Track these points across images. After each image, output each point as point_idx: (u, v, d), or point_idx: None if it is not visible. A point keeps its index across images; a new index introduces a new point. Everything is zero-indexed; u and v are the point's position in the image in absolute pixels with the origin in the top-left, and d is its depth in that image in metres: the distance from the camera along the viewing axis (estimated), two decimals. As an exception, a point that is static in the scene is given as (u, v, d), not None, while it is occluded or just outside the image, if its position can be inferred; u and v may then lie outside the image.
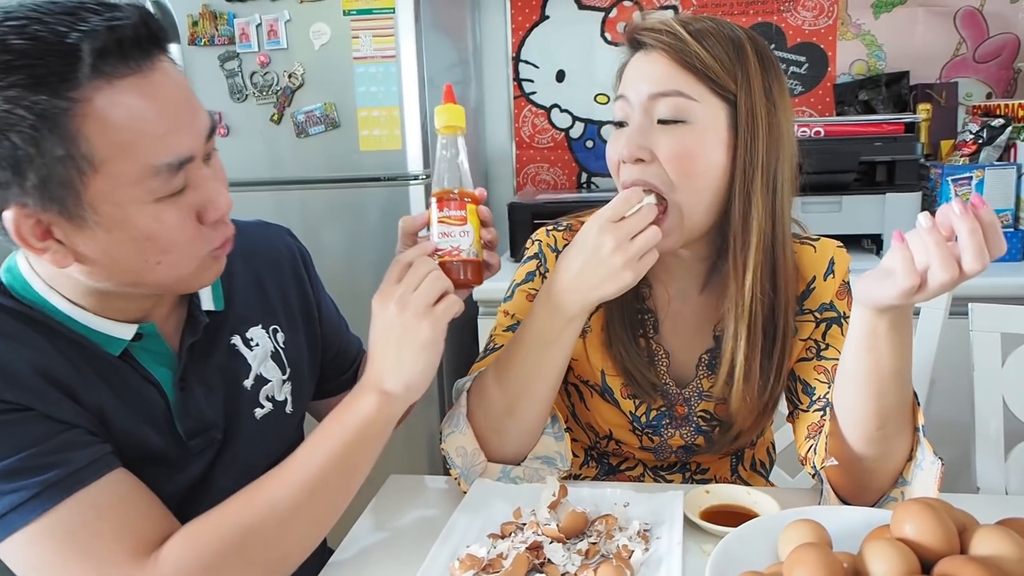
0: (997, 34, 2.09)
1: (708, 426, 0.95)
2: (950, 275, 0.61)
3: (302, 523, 0.71)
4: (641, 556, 0.72)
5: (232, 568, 0.67)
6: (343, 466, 0.73)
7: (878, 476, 0.78)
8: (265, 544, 0.69)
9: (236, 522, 0.68)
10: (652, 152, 0.81)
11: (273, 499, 0.70)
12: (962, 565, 0.58)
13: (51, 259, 0.64)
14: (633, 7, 2.25)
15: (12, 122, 0.58)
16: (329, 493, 0.72)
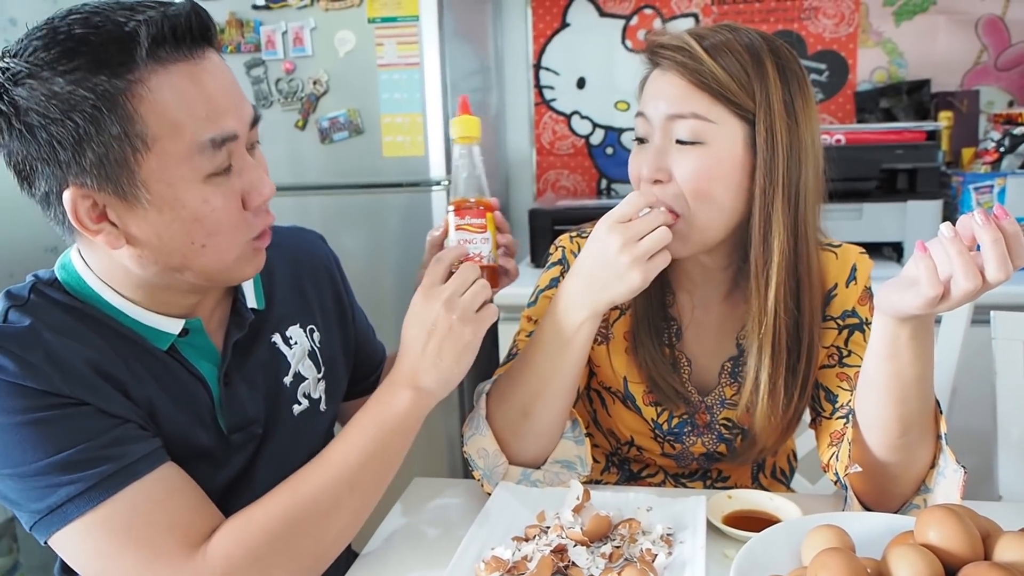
0: (1019, 42, 2.08)
1: (730, 434, 0.96)
2: (973, 285, 0.61)
3: (342, 516, 0.74)
4: (664, 560, 0.73)
5: (278, 560, 0.70)
6: (379, 459, 0.76)
7: (901, 483, 0.79)
8: (309, 536, 0.71)
9: (281, 515, 0.71)
10: (670, 173, 0.82)
11: (315, 493, 0.72)
12: (986, 571, 0.58)
13: (104, 240, 0.67)
14: (654, 15, 2.26)
15: (75, 103, 0.62)
16: (366, 486, 0.75)
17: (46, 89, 0.62)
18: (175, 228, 0.68)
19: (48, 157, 0.64)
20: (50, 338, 0.68)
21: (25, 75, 0.62)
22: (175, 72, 0.65)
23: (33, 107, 0.63)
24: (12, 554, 1.62)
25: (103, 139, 0.63)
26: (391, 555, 0.81)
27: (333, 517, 0.73)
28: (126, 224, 0.67)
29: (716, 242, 0.86)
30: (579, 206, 2.09)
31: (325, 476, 0.73)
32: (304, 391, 0.88)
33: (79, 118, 0.62)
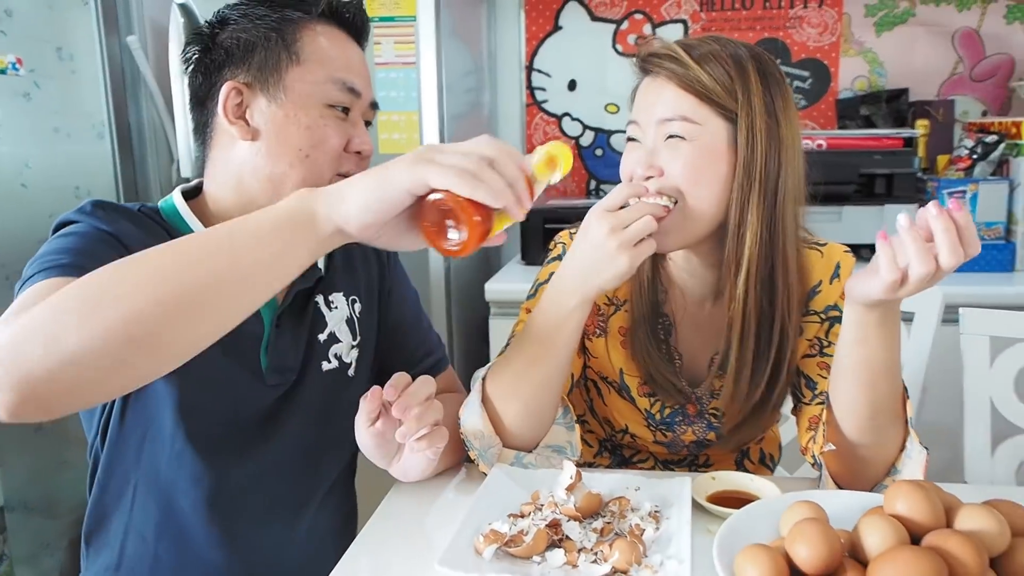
0: (993, 54, 2.16)
1: (719, 423, 1.01)
2: (927, 269, 0.67)
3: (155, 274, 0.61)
4: (652, 534, 0.78)
5: (64, 318, 0.59)
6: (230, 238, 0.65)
7: (872, 465, 0.84)
8: (95, 291, 0.59)
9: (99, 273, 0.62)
10: (661, 169, 0.87)
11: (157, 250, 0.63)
12: (948, 536, 0.63)
13: (239, 132, 0.86)
14: (644, 20, 2.32)
15: (267, 20, 0.86)
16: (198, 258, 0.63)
17: (246, 13, 0.87)
18: (291, 131, 0.85)
19: (224, 61, 0.86)
20: (134, 228, 0.81)
21: (229, 15, 0.87)
22: (335, 34, 0.89)
23: (230, 28, 0.86)
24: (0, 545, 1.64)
25: (270, 46, 0.85)
26: (391, 532, 0.85)
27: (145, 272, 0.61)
28: (257, 122, 0.86)
29: (703, 234, 0.90)
30: (569, 205, 2.14)
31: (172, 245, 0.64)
32: (335, 352, 0.95)
33: (262, 29, 0.85)
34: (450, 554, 0.73)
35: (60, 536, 1.75)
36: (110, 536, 0.90)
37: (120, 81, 1.85)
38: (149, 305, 0.57)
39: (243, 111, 0.86)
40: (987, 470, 1.22)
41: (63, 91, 1.73)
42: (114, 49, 1.82)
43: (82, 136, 1.78)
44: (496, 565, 0.73)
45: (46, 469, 1.72)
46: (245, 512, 0.90)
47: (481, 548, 0.74)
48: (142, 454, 0.86)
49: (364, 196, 0.64)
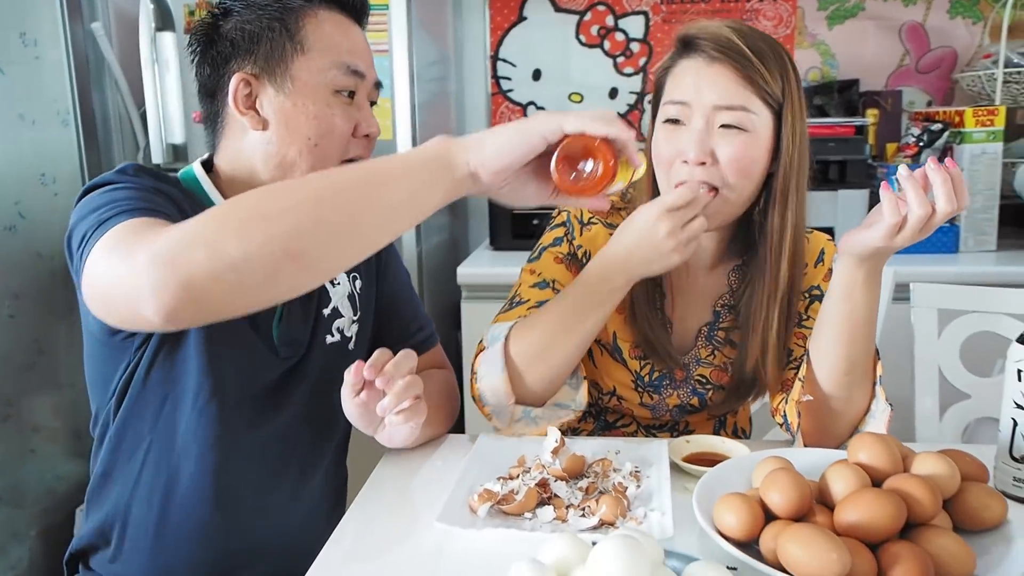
0: (937, 47, 2.27)
1: (703, 389, 1.06)
2: (924, 211, 0.75)
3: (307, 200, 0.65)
4: (635, 491, 0.83)
5: (224, 229, 0.62)
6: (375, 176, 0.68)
7: (840, 420, 0.91)
8: (256, 207, 0.64)
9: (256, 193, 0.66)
10: (714, 155, 0.91)
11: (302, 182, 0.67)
12: (905, 480, 0.69)
13: (249, 122, 0.89)
14: (606, 11, 2.37)
15: (269, 11, 0.88)
16: (352, 193, 0.66)
17: (248, 3, 0.88)
18: (300, 120, 0.88)
19: (231, 53, 0.88)
20: (172, 189, 0.86)
21: (231, 6, 0.89)
22: (337, 18, 0.91)
23: (234, 19, 0.88)
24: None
25: (274, 37, 0.87)
26: (385, 498, 0.87)
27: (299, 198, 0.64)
28: (267, 112, 0.89)
29: (734, 218, 0.97)
30: (535, 193, 2.18)
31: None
32: (338, 326, 0.99)
33: (265, 20, 0.87)
34: (447, 512, 0.76)
35: (28, 526, 1.72)
36: (113, 495, 0.92)
37: (85, 68, 1.82)
38: (307, 223, 0.62)
39: (253, 101, 0.89)
40: (936, 433, 1.30)
41: (27, 77, 1.69)
42: (78, 36, 1.79)
43: (47, 123, 1.75)
44: (491, 521, 0.76)
45: (12, 460, 1.70)
46: (250, 479, 0.93)
47: (476, 506, 0.78)
48: (161, 416, 0.88)
49: (501, 141, 0.69)
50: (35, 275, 1.74)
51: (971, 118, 1.87)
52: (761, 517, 0.70)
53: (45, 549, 1.76)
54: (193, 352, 0.86)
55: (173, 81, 1.78)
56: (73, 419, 1.88)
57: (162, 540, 0.91)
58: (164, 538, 0.90)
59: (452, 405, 1.08)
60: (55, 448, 1.82)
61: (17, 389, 1.70)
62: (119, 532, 0.92)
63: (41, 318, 1.76)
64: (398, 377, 0.81)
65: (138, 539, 0.91)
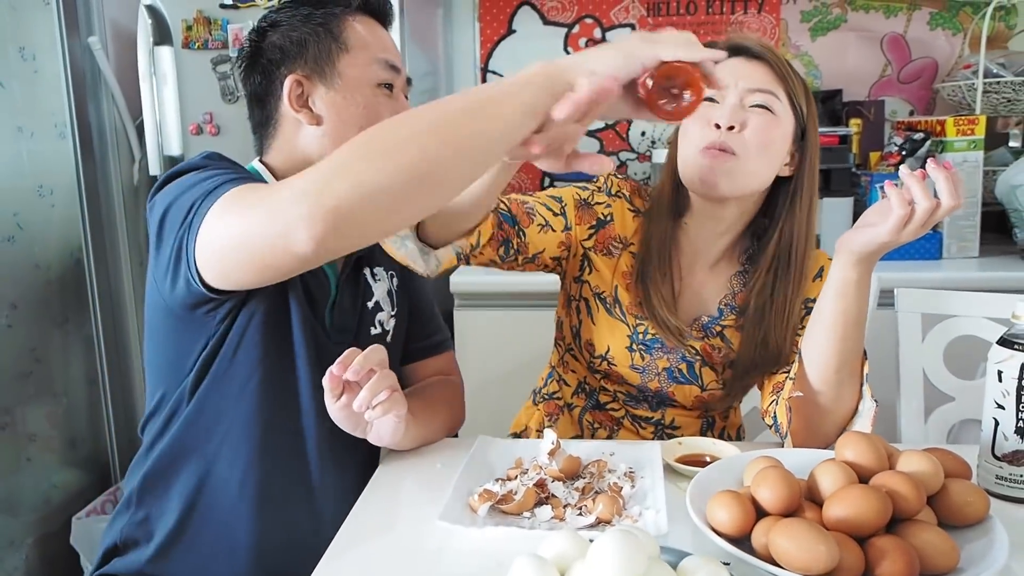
0: (918, 58, 2.33)
1: (692, 358, 1.10)
2: (930, 203, 0.81)
3: (423, 132, 0.68)
4: (630, 491, 0.85)
5: (360, 161, 0.67)
6: (481, 100, 0.70)
7: (829, 419, 0.94)
8: (384, 139, 0.68)
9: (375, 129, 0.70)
10: (744, 124, 0.99)
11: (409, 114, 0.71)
12: (891, 476, 0.72)
13: (304, 118, 0.96)
14: (594, 24, 2.41)
15: (313, 18, 0.97)
16: (459, 119, 0.69)
17: (292, 14, 0.97)
18: (351, 111, 0.96)
19: (281, 59, 0.96)
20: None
21: (277, 19, 0.98)
22: (369, 22, 1.01)
23: (280, 31, 0.96)
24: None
25: (320, 40, 0.96)
26: (386, 499, 0.89)
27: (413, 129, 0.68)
28: (319, 108, 0.97)
29: (749, 194, 1.04)
30: (527, 202, 2.21)
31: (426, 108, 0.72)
32: (379, 319, 1.05)
33: (311, 26, 0.96)
34: (449, 511, 0.79)
35: (24, 534, 1.73)
36: (186, 473, 0.95)
37: (81, 81, 1.84)
38: (435, 146, 0.67)
39: (305, 100, 0.97)
40: (921, 435, 1.33)
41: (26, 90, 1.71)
42: (75, 50, 1.81)
43: (44, 135, 1.77)
44: (491, 520, 0.79)
45: (8, 468, 1.70)
46: (308, 461, 0.98)
47: (476, 506, 0.80)
48: (244, 392, 0.93)
49: (607, 63, 0.71)
50: (33, 285, 1.75)
51: (952, 127, 1.91)
52: (752, 513, 0.72)
53: (41, 557, 1.76)
54: (277, 327, 0.93)
55: (171, 93, 1.80)
56: (68, 428, 1.89)
57: (229, 528, 0.94)
58: (231, 526, 0.94)
59: (454, 412, 1.10)
60: (51, 457, 1.83)
61: (13, 398, 1.71)
62: (179, 520, 0.95)
63: (38, 328, 1.77)
64: (367, 367, 0.84)
65: (205, 527, 0.95)
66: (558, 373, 1.21)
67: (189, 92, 1.81)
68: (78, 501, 1.86)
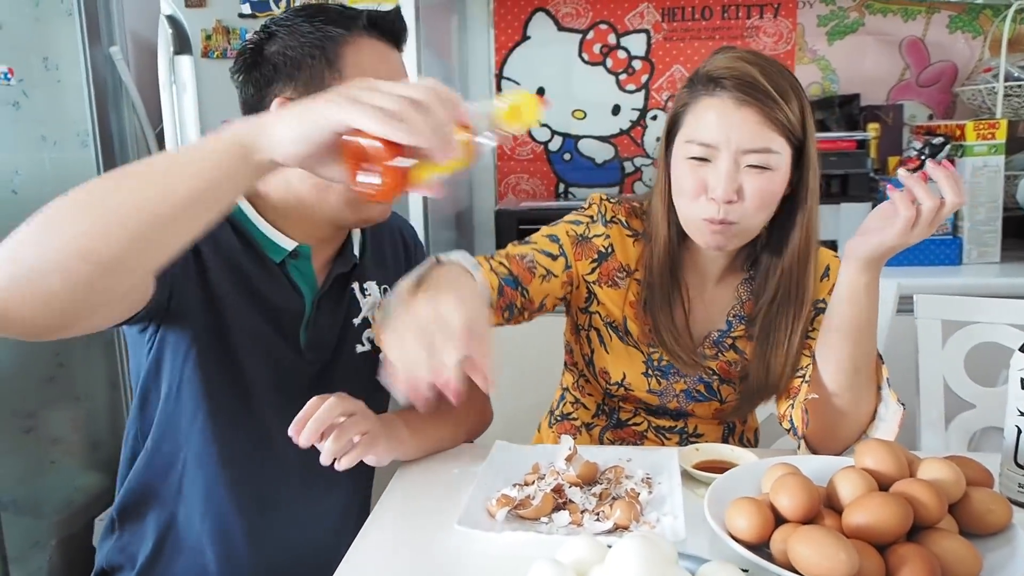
0: (937, 61, 2.31)
1: (710, 378, 1.09)
2: (934, 202, 0.81)
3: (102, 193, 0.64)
4: (647, 496, 0.85)
5: (24, 239, 0.62)
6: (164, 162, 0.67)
7: (846, 421, 0.93)
8: (48, 214, 0.63)
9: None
10: (740, 192, 0.95)
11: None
12: (912, 484, 0.72)
13: None
14: (608, 30, 2.41)
15: (310, 38, 0.90)
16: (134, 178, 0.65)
17: (292, 29, 0.91)
18: None
19: (273, 76, 0.90)
20: None
21: (276, 31, 0.91)
22: (375, 45, 0.93)
23: (278, 44, 0.90)
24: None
25: (315, 63, 0.89)
26: (405, 505, 0.90)
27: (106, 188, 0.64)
28: None
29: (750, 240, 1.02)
30: (542, 207, 2.22)
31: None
32: (368, 335, 1.03)
33: (307, 47, 0.90)
34: (467, 516, 0.79)
35: (48, 535, 1.76)
36: (155, 508, 0.95)
37: (103, 91, 1.87)
38: (95, 221, 0.61)
39: None
40: (941, 443, 1.31)
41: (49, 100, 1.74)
42: (97, 59, 1.84)
43: (67, 144, 1.80)
44: (509, 525, 0.79)
45: (32, 471, 1.73)
46: (281, 487, 0.96)
47: (494, 511, 0.80)
48: (196, 422, 0.91)
49: (292, 131, 0.64)
50: (55, 292, 1.77)
51: (972, 131, 1.90)
52: (771, 520, 0.72)
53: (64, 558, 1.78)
54: (221, 357, 0.90)
55: (190, 102, 1.83)
56: (91, 431, 1.92)
57: (200, 555, 0.93)
58: (201, 553, 0.93)
59: (476, 419, 1.10)
60: (73, 460, 1.85)
61: (38, 402, 1.73)
62: (154, 548, 0.95)
63: (60, 334, 1.80)
64: (326, 421, 0.82)
65: (178, 554, 0.94)
66: (573, 395, 1.20)
67: (208, 101, 1.83)
68: (99, 503, 1.89)
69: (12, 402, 1.67)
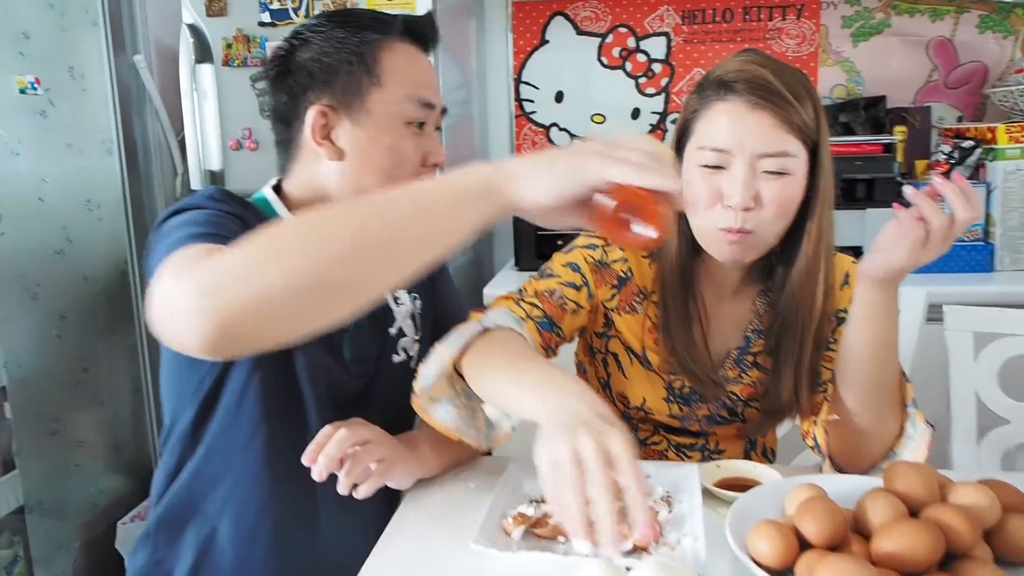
0: (967, 62, 2.26)
1: (733, 403, 1.07)
2: (942, 220, 0.78)
3: (338, 231, 0.63)
4: (667, 516, 0.83)
5: (263, 260, 0.61)
6: (409, 200, 0.66)
7: (870, 440, 0.91)
8: (292, 238, 0.63)
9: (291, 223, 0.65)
10: (758, 198, 0.90)
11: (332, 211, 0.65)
12: (944, 510, 0.69)
13: (326, 152, 0.91)
14: (628, 33, 2.39)
15: (345, 44, 0.90)
16: (382, 219, 0.64)
17: (327, 35, 0.90)
18: (375, 151, 0.91)
19: (308, 83, 0.90)
20: (250, 214, 0.88)
21: (309, 37, 0.91)
22: (410, 50, 0.94)
23: (312, 50, 0.90)
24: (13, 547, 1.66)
25: (352, 70, 0.90)
26: (420, 522, 0.89)
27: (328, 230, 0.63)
28: (342, 143, 0.91)
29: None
30: (562, 213, 2.20)
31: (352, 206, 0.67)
32: (403, 345, 1.02)
33: (343, 53, 0.90)
34: (483, 534, 0.78)
35: (72, 538, 1.78)
36: (196, 522, 0.94)
37: (127, 99, 1.89)
38: (345, 253, 0.61)
39: (328, 132, 0.91)
40: (974, 460, 1.28)
41: (75, 109, 1.77)
42: (122, 68, 1.87)
43: (93, 152, 1.82)
44: (525, 544, 0.78)
45: (59, 472, 1.75)
46: (328, 503, 0.95)
47: (510, 529, 0.79)
48: (254, 440, 0.90)
49: (546, 183, 0.65)
50: (81, 297, 1.80)
51: (1004, 134, 1.85)
52: (795, 545, 0.70)
53: (87, 561, 1.81)
54: (283, 376, 0.90)
55: (211, 110, 1.84)
56: (115, 434, 1.94)
57: (245, 572, 0.93)
58: (248, 570, 0.93)
59: None
60: (98, 462, 1.88)
61: (63, 406, 1.76)
62: (194, 565, 0.94)
63: (86, 338, 1.82)
64: (337, 456, 0.82)
65: (218, 572, 0.93)
66: None
67: (229, 108, 1.84)
68: (122, 506, 1.91)
69: (38, 405, 1.69)
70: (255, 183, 1.00)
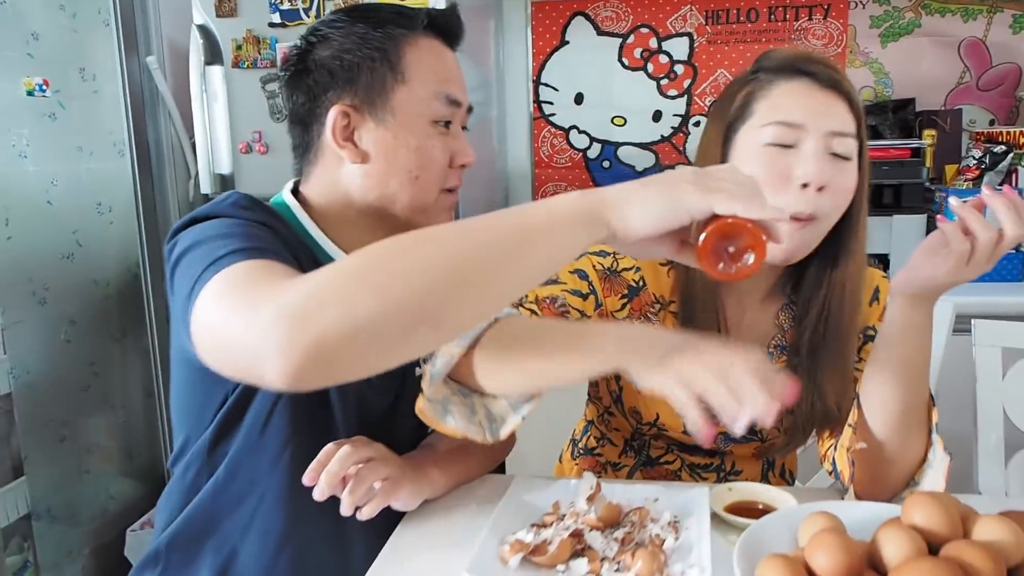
0: (1000, 63, 2.18)
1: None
2: (990, 234, 0.72)
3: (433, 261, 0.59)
4: (673, 543, 0.79)
5: (360, 286, 0.57)
6: (508, 225, 0.63)
7: (895, 469, 0.86)
8: (390, 264, 0.59)
9: (380, 247, 0.60)
10: (830, 181, 0.87)
11: (427, 234, 0.61)
12: (965, 547, 0.65)
13: (348, 155, 0.87)
14: (650, 34, 2.34)
15: (368, 39, 0.86)
16: (478, 247, 0.61)
17: (347, 31, 0.86)
18: (401, 153, 0.87)
19: (329, 83, 0.86)
20: (274, 220, 0.85)
21: (327, 33, 0.87)
22: (435, 46, 0.90)
23: (331, 48, 0.86)
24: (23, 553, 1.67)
25: (375, 67, 0.85)
26: (416, 544, 0.86)
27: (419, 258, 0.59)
28: (366, 145, 0.87)
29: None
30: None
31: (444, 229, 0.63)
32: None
33: (365, 50, 0.86)
34: (477, 562, 0.75)
35: (81, 544, 1.78)
36: (214, 542, 0.89)
37: (139, 101, 1.89)
38: (447, 282, 0.57)
39: (351, 133, 0.87)
40: (1000, 481, 1.22)
41: (86, 111, 1.77)
42: (134, 69, 1.87)
43: (104, 154, 1.82)
44: (522, 572, 0.74)
45: (68, 479, 1.75)
46: (358, 524, 0.88)
47: (507, 557, 0.76)
48: (282, 459, 0.87)
49: (651, 213, 0.63)
50: (91, 301, 1.80)
51: (1037, 139, 1.78)
52: (807, 582, 0.66)
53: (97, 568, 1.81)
54: (312, 394, 0.82)
55: (221, 113, 1.83)
56: (125, 440, 1.94)
57: None
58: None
59: (501, 447, 1.03)
60: (108, 468, 1.88)
61: (73, 410, 1.76)
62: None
63: (96, 342, 1.82)
64: (339, 474, 0.78)
65: None
66: (598, 430, 1.14)
67: (239, 111, 1.83)
68: (133, 512, 1.91)
69: (48, 410, 1.69)
70: (266, 187, 0.97)
